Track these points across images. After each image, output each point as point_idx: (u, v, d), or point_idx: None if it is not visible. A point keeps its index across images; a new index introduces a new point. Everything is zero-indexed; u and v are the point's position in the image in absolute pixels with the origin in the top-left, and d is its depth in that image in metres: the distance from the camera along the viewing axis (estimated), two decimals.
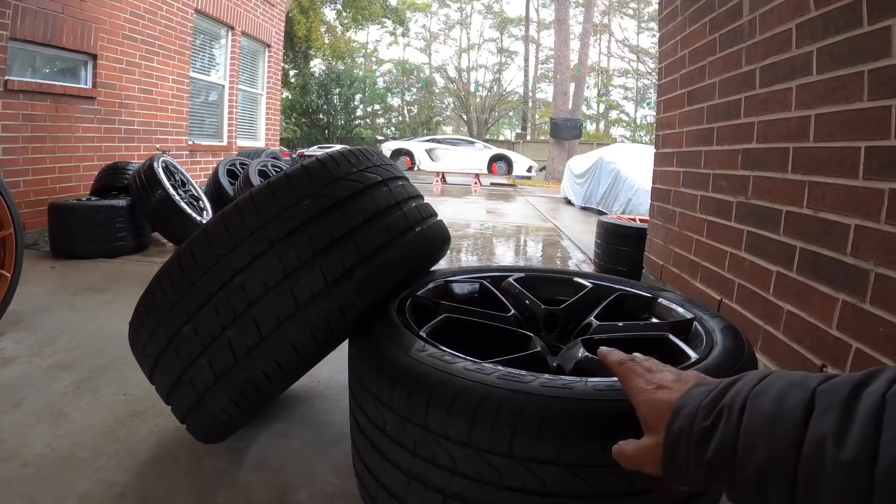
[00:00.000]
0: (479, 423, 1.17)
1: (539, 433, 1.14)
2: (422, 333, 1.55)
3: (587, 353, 1.52)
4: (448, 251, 2.19)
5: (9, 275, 3.41)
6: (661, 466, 0.89)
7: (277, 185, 1.63)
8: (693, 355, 1.50)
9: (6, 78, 5.78)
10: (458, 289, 2.11)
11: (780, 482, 0.72)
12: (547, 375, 1.26)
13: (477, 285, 2.14)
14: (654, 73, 38.78)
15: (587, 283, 2.15)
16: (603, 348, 1.13)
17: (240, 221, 1.58)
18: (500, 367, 1.29)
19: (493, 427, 1.16)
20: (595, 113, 49.61)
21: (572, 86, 28.04)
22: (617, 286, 2.14)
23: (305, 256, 1.55)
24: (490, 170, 22.94)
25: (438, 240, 1.94)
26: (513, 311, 1.91)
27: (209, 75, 10.57)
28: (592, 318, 1.90)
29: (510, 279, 2.17)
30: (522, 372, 1.27)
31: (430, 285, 2.02)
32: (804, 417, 0.71)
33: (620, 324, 1.83)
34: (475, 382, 1.23)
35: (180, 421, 1.85)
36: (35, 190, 6.22)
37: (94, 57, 7.14)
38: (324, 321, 1.55)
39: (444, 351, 1.39)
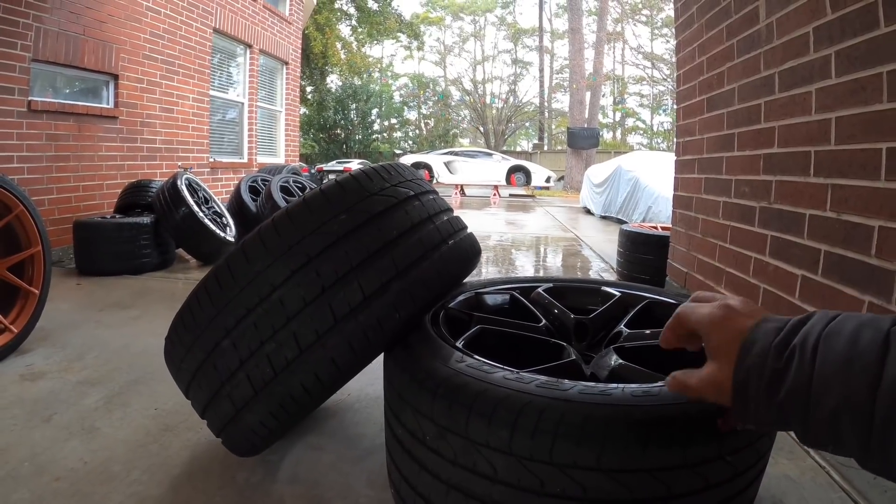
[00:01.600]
0: (520, 431, 1.19)
1: (579, 439, 1.16)
2: (458, 344, 1.57)
3: (621, 361, 1.54)
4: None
5: (37, 292, 3.46)
6: (730, 400, 0.87)
7: (313, 200, 1.65)
8: None
9: (29, 98, 5.89)
10: (489, 300, 2.14)
11: (855, 423, 0.72)
12: (584, 383, 1.27)
13: (507, 296, 2.16)
14: (669, 80, 38.77)
15: (615, 292, 2.17)
16: None
17: (277, 237, 1.60)
18: (538, 376, 1.31)
19: (534, 434, 1.18)
20: (611, 121, 49.57)
21: (588, 94, 28.08)
22: (645, 294, 2.16)
23: (343, 271, 1.57)
24: (508, 181, 22.91)
25: (470, 252, 1.95)
26: (543, 321, 1.93)
27: (228, 93, 10.69)
28: (622, 326, 1.91)
29: (539, 290, 2.19)
30: (561, 380, 1.29)
31: (462, 297, 2.05)
32: (880, 358, 0.70)
33: (650, 332, 1.84)
34: (515, 391, 1.24)
35: (216, 435, 1.87)
36: (59, 208, 6.33)
37: (116, 77, 7.26)
38: (362, 334, 1.57)
39: (483, 361, 1.41)
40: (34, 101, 5.95)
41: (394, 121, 45.95)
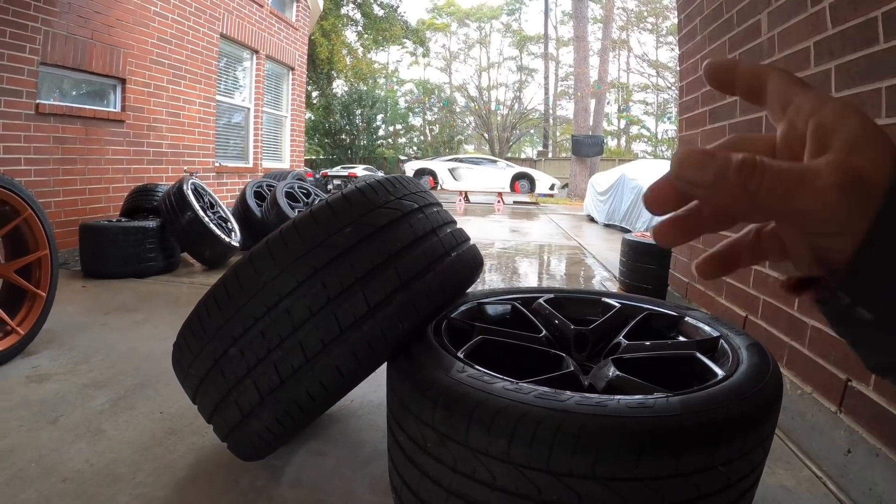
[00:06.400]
0: (518, 440, 1.23)
1: (575, 449, 1.19)
2: (459, 355, 1.60)
3: (618, 372, 1.57)
4: None
5: (44, 294, 3.50)
6: (861, 234, 0.39)
7: (320, 213, 1.70)
8: (720, 372, 1.54)
9: (37, 101, 5.93)
10: (491, 310, 2.17)
11: None
12: (581, 394, 1.31)
13: (508, 307, 2.19)
14: (673, 88, 38.70)
15: (615, 304, 2.20)
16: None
17: (284, 248, 1.65)
18: (537, 387, 1.34)
19: (531, 444, 1.21)
20: (616, 129, 49.43)
21: (592, 102, 28.07)
22: (644, 306, 2.19)
23: (348, 282, 1.61)
24: (513, 188, 22.88)
25: (473, 264, 1.99)
26: (544, 332, 1.96)
27: (234, 98, 10.72)
28: (621, 337, 1.94)
29: (540, 300, 2.22)
30: (558, 391, 1.32)
31: (464, 307, 2.08)
32: None
33: (649, 343, 1.87)
34: (514, 402, 1.28)
35: (222, 440, 1.90)
36: (66, 211, 6.37)
37: (123, 81, 7.31)
38: (366, 344, 1.61)
39: (483, 371, 1.45)
40: (42, 104, 6.00)
41: (399, 127, 45.94)
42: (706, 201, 0.44)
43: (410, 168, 23.46)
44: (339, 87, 39.45)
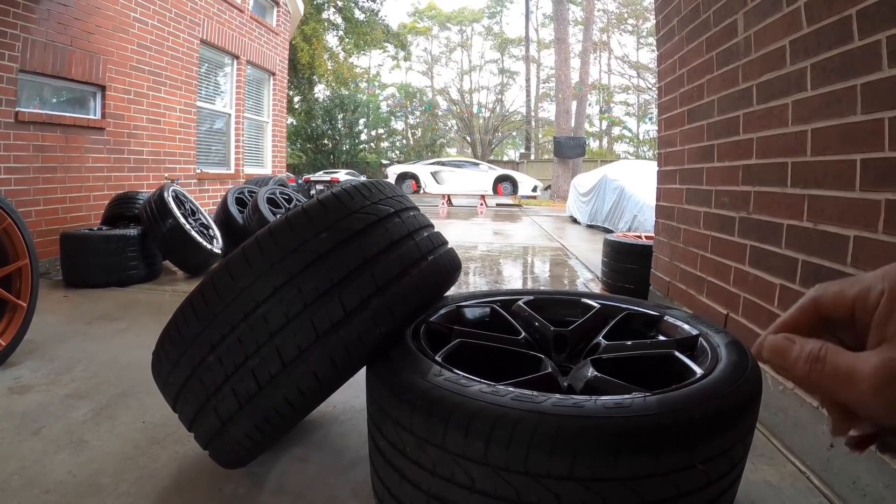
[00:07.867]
0: (495, 442, 1.23)
1: (552, 450, 1.19)
2: (437, 358, 1.60)
3: (596, 373, 1.57)
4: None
5: (24, 305, 3.46)
6: None
7: (295, 219, 1.70)
8: (698, 371, 1.55)
9: (17, 109, 5.89)
10: (470, 313, 2.17)
11: None
12: (558, 395, 1.31)
13: (488, 309, 2.20)
14: (654, 89, 38.85)
15: (594, 304, 2.21)
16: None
17: (260, 255, 1.64)
18: (513, 389, 1.35)
19: (508, 446, 1.22)
20: (598, 130, 49.65)
21: (574, 104, 28.10)
22: (624, 305, 2.19)
23: (324, 287, 1.62)
24: (495, 191, 22.89)
25: (450, 267, 2.00)
26: (523, 334, 1.97)
27: (215, 104, 10.68)
28: (601, 337, 1.95)
29: (520, 302, 2.23)
30: (534, 393, 1.32)
31: (443, 311, 2.08)
32: None
33: (628, 342, 1.87)
34: (490, 404, 1.28)
35: (203, 447, 1.89)
36: (46, 220, 6.32)
37: (103, 88, 7.26)
38: (343, 349, 1.61)
39: (460, 374, 1.45)
40: (21, 111, 5.95)
41: (381, 131, 46.06)
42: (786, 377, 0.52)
43: (393, 172, 23.43)
44: (321, 91, 39.49)
